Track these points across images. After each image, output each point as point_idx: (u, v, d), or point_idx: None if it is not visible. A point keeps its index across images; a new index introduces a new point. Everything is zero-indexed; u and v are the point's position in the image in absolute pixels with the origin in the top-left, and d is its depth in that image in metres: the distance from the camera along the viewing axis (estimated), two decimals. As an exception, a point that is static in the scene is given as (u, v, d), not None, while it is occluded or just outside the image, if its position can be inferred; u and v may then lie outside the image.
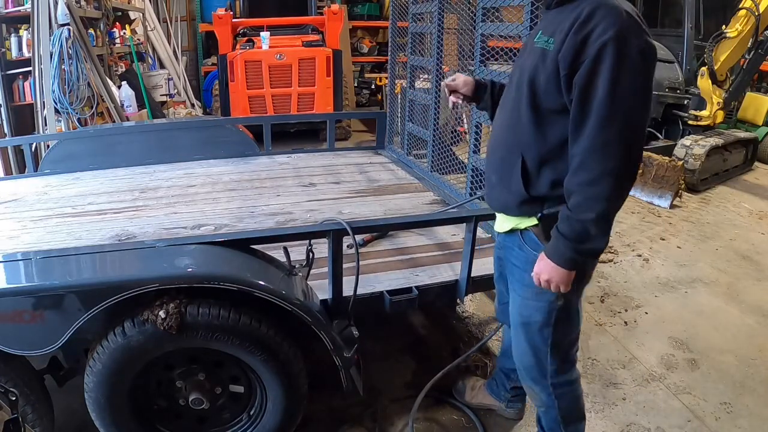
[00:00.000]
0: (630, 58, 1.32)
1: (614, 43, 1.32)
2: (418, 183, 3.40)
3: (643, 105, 1.38)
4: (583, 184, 1.40)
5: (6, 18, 5.09)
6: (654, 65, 1.39)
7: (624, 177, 1.40)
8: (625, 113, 1.35)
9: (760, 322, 3.12)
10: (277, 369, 1.82)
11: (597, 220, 1.40)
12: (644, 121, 1.40)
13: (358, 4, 9.35)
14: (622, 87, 1.33)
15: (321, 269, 2.03)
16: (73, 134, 4.08)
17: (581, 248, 1.44)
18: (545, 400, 1.80)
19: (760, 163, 6.41)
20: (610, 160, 1.36)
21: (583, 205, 1.40)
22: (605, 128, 1.35)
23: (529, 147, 1.54)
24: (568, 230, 1.44)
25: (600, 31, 1.34)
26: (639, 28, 1.36)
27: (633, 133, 1.37)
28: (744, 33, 5.20)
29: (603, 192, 1.38)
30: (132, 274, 1.68)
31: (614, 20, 1.34)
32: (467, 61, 3.13)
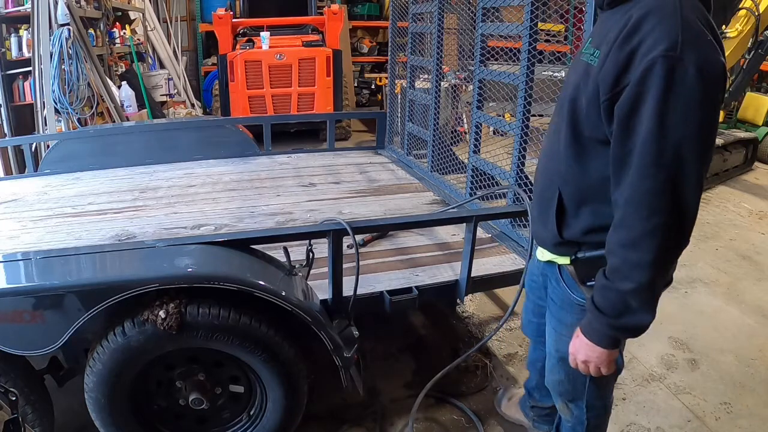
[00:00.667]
0: (685, 82, 1.03)
1: (665, 62, 1.03)
2: (418, 183, 3.40)
3: (702, 143, 1.08)
4: (622, 246, 1.15)
5: (6, 18, 5.09)
6: (721, 88, 1.09)
7: (673, 239, 1.12)
8: (677, 155, 1.06)
9: (760, 322, 3.12)
10: (277, 369, 1.82)
11: (638, 291, 1.15)
12: (703, 164, 1.10)
13: (358, 4, 9.35)
14: (673, 121, 1.05)
15: (321, 269, 2.03)
16: (73, 134, 4.08)
17: (620, 324, 1.20)
18: (578, 415, 1.69)
19: (760, 163, 6.40)
20: (656, 216, 1.09)
21: (622, 272, 1.16)
22: (650, 175, 1.08)
23: (566, 181, 1.31)
24: (604, 303, 1.21)
25: (648, 46, 1.06)
26: (702, 39, 1.06)
27: (687, 181, 1.08)
28: (744, 33, 5.20)
29: (646, 257, 1.12)
30: (132, 274, 1.68)
31: (669, 29, 1.05)
32: (467, 61, 3.14)
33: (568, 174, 1.31)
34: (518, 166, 2.50)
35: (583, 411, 1.66)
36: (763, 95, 6.74)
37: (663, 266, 1.15)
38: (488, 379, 2.56)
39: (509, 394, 2.36)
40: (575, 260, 1.37)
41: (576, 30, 2.18)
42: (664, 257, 1.13)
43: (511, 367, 2.67)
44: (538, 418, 2.13)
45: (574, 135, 1.27)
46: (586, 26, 2.05)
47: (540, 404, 2.08)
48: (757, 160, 6.37)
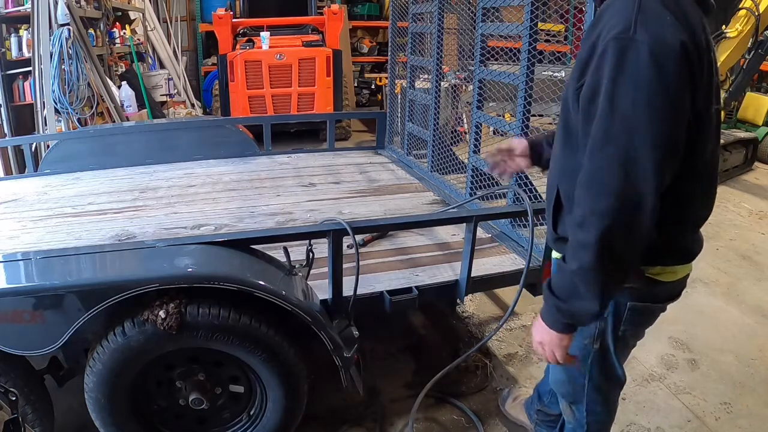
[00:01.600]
0: (636, 62, 1.02)
1: (616, 44, 1.03)
2: (418, 183, 3.40)
3: (656, 126, 1.04)
4: (572, 225, 1.14)
5: (6, 18, 5.09)
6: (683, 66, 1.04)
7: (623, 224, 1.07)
8: (627, 137, 1.04)
9: (760, 322, 3.12)
10: (277, 369, 1.82)
11: (582, 272, 1.12)
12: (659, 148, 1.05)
13: (358, 4, 9.35)
14: (623, 102, 1.04)
15: (321, 269, 2.03)
16: (73, 134, 4.08)
17: (566, 308, 1.19)
18: (579, 419, 1.69)
19: (760, 163, 6.41)
20: (602, 197, 1.07)
21: (570, 253, 1.15)
22: (596, 159, 1.08)
23: (562, 177, 1.31)
24: (557, 284, 1.21)
25: (605, 32, 1.06)
26: (659, 20, 1.04)
27: (638, 165, 1.04)
28: (744, 33, 5.19)
29: (590, 237, 1.08)
30: (132, 274, 1.68)
31: (625, 13, 1.05)
32: (467, 61, 3.14)
33: (564, 170, 1.31)
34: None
35: (584, 415, 1.66)
36: (763, 95, 6.74)
37: (609, 251, 1.09)
38: (488, 379, 2.56)
39: (514, 394, 2.36)
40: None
41: (576, 30, 2.18)
42: (609, 241, 1.08)
43: (511, 367, 2.67)
44: (541, 422, 2.12)
45: (566, 132, 1.27)
46: (586, 26, 2.05)
47: (547, 409, 2.06)
48: (757, 160, 6.37)
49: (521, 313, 3.12)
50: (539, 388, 2.14)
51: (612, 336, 1.43)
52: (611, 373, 1.55)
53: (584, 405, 1.63)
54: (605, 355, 1.49)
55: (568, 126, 1.26)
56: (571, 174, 1.24)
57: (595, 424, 1.68)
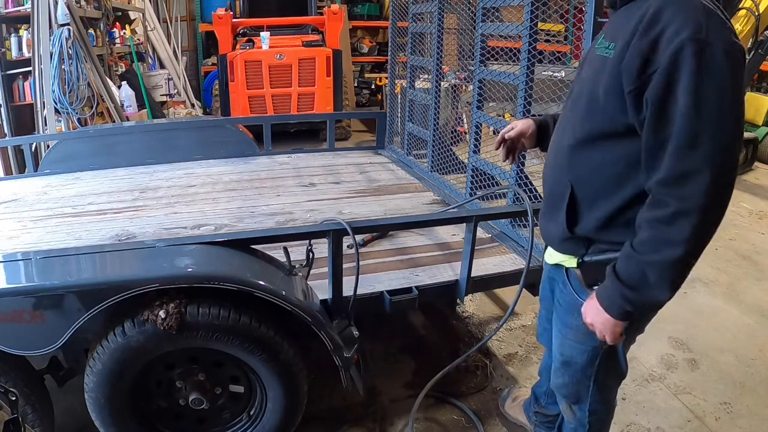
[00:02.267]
0: (714, 64, 1.06)
1: (694, 44, 1.06)
2: (418, 183, 3.40)
3: (735, 122, 1.10)
4: (656, 221, 1.15)
5: (6, 18, 5.09)
6: (743, 70, 1.13)
7: (710, 217, 1.12)
8: (714, 134, 1.08)
9: (760, 322, 3.12)
10: (277, 369, 1.82)
11: (664, 265, 1.15)
12: (737, 142, 1.13)
13: (358, 4, 9.35)
14: (708, 101, 1.07)
15: (321, 269, 2.03)
16: (73, 134, 4.08)
17: (635, 297, 1.21)
18: (580, 418, 1.69)
19: (760, 163, 6.41)
20: (695, 196, 1.10)
21: (651, 244, 1.16)
22: (689, 155, 1.09)
23: (579, 176, 1.32)
24: (624, 271, 1.21)
25: (672, 32, 1.08)
26: (721, 24, 1.10)
27: (724, 159, 1.10)
28: (744, 33, 5.19)
29: (681, 234, 1.12)
30: (132, 274, 1.69)
31: (691, 15, 1.08)
32: (467, 61, 3.14)
33: (583, 168, 1.31)
34: (518, 166, 2.49)
35: (586, 414, 1.65)
36: (763, 95, 6.74)
37: (695, 245, 1.14)
38: (488, 379, 2.56)
39: (514, 394, 2.36)
40: (582, 264, 1.38)
41: (576, 30, 2.18)
42: (698, 236, 1.13)
43: (511, 367, 2.67)
44: (539, 423, 2.12)
45: (589, 129, 1.28)
46: (586, 26, 2.05)
47: (545, 411, 2.07)
48: (757, 160, 6.37)
49: (521, 313, 3.12)
50: (535, 390, 2.14)
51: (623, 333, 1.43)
52: (616, 369, 1.55)
53: (587, 404, 1.63)
54: (613, 354, 1.49)
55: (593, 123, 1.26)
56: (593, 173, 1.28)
57: (596, 422, 1.68)
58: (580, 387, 1.59)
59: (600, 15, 2.00)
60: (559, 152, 1.41)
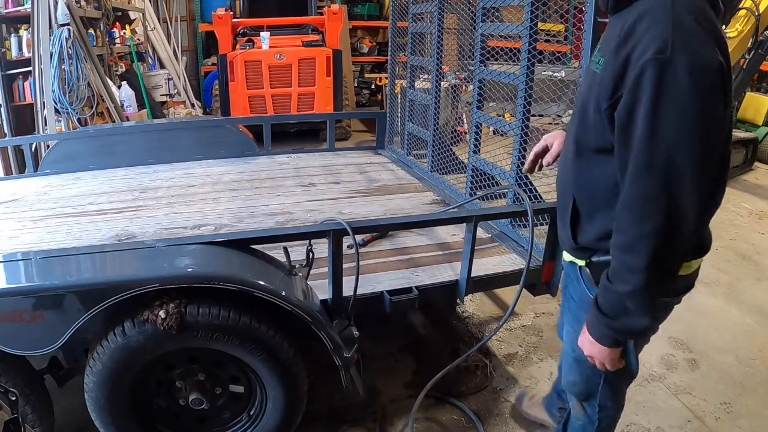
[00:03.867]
0: (675, 85, 1.02)
1: (654, 66, 1.02)
2: (418, 183, 3.40)
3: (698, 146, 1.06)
4: (619, 249, 1.17)
5: (6, 18, 5.09)
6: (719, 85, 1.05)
7: (669, 244, 1.10)
8: (669, 160, 1.05)
9: (760, 322, 3.12)
10: (277, 369, 1.82)
11: (633, 294, 1.16)
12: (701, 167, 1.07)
13: (358, 4, 9.35)
14: (664, 125, 1.04)
15: (321, 269, 2.03)
16: (73, 134, 4.08)
17: (618, 326, 1.23)
18: (590, 415, 1.69)
19: (760, 163, 6.41)
20: (648, 221, 1.09)
21: (619, 275, 1.18)
22: (642, 180, 1.09)
23: (579, 188, 1.34)
24: (604, 304, 1.24)
25: (640, 50, 1.05)
26: (695, 38, 1.04)
27: (682, 186, 1.07)
28: (744, 33, 5.19)
29: (639, 261, 1.12)
30: (132, 274, 1.68)
31: (659, 31, 1.04)
32: (467, 61, 3.14)
33: (580, 181, 1.33)
34: (518, 166, 2.50)
35: (596, 411, 1.66)
36: (763, 95, 6.74)
37: (658, 270, 1.13)
38: (488, 379, 2.56)
39: (530, 393, 2.34)
40: (590, 263, 1.41)
41: (576, 30, 2.18)
42: (658, 262, 1.12)
43: (511, 367, 2.67)
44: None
45: (585, 143, 1.28)
46: (586, 26, 2.05)
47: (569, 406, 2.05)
48: (757, 160, 6.37)
49: (521, 313, 3.12)
50: (557, 387, 2.12)
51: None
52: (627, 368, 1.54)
53: (597, 401, 1.64)
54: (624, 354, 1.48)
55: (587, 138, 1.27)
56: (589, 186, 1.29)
57: (606, 419, 1.69)
58: (591, 384, 1.60)
59: (600, 15, 2.00)
60: (564, 164, 1.43)
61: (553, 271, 2.25)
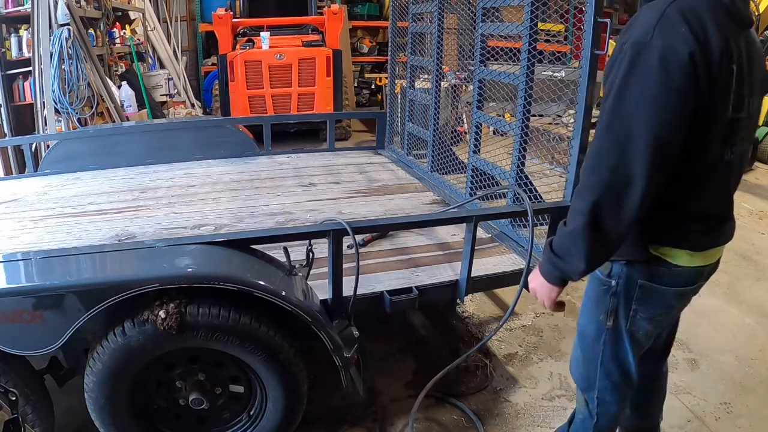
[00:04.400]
0: (644, 65, 1.18)
1: (632, 47, 1.20)
2: (418, 183, 3.40)
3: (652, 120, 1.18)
4: (574, 195, 1.33)
5: (6, 18, 5.09)
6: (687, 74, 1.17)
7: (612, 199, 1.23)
8: (624, 125, 1.20)
9: (760, 322, 3.12)
10: (277, 369, 1.82)
11: (573, 234, 1.29)
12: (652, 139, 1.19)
13: (358, 4, 9.35)
14: (629, 96, 1.20)
15: (321, 269, 2.03)
16: (73, 134, 4.08)
17: (561, 264, 1.36)
18: (590, 408, 1.73)
19: (760, 163, 6.41)
20: (597, 172, 1.25)
21: (569, 216, 1.33)
22: (600, 138, 1.25)
23: None
24: (555, 242, 1.37)
25: (628, 37, 1.23)
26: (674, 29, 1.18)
27: (630, 149, 1.20)
28: (744, 33, 5.19)
29: (583, 205, 1.26)
30: (132, 274, 1.69)
31: (646, 21, 1.21)
32: (467, 61, 3.14)
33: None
34: (518, 166, 2.50)
35: (595, 404, 1.69)
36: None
37: (596, 220, 1.25)
38: (488, 379, 2.56)
39: None
40: None
41: (576, 30, 2.18)
42: (598, 211, 1.25)
43: (511, 367, 2.67)
44: None
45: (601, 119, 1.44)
46: (586, 26, 2.05)
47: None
48: (757, 160, 6.37)
49: (521, 313, 3.12)
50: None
51: (624, 314, 1.51)
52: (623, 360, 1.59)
53: (596, 392, 1.67)
54: (618, 336, 1.55)
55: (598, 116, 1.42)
56: None
57: (604, 415, 1.71)
58: (590, 367, 1.65)
59: (600, 15, 2.00)
60: None
61: (553, 271, 2.25)
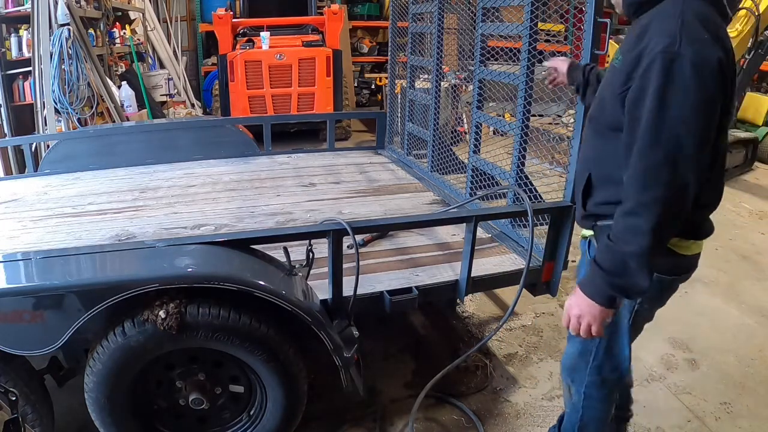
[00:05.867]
0: (682, 74, 1.19)
1: (663, 57, 1.20)
2: (418, 183, 3.40)
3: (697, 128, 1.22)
4: (624, 214, 1.32)
5: (6, 18, 5.09)
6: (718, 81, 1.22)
7: (669, 210, 1.27)
8: (673, 139, 1.22)
9: (760, 322, 3.12)
10: (277, 369, 1.83)
11: (638, 254, 1.29)
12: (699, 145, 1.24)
13: (358, 4, 9.35)
14: (670, 107, 1.21)
15: (321, 269, 2.03)
16: (73, 134, 4.08)
17: (618, 283, 1.34)
18: (575, 403, 1.76)
19: (760, 163, 6.40)
20: (652, 190, 1.25)
21: (622, 237, 1.31)
22: (648, 155, 1.25)
23: (595, 161, 1.53)
24: (604, 261, 1.35)
25: (652, 45, 1.23)
26: (699, 38, 1.22)
27: (683, 160, 1.23)
28: (744, 33, 5.19)
29: (642, 224, 1.27)
30: (132, 274, 1.69)
31: (669, 30, 1.22)
32: (467, 61, 3.13)
33: (596, 155, 1.52)
34: (518, 166, 2.50)
35: (581, 397, 1.71)
36: (763, 95, 6.73)
37: (659, 233, 1.28)
38: (488, 379, 2.56)
39: None
40: (594, 227, 1.56)
41: (576, 30, 2.18)
42: (662, 226, 1.27)
43: (511, 367, 2.67)
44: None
45: (602, 122, 1.47)
46: (586, 26, 2.05)
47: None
48: (757, 160, 6.36)
49: (521, 313, 3.12)
50: None
51: (628, 308, 1.54)
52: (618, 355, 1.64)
53: (583, 385, 1.70)
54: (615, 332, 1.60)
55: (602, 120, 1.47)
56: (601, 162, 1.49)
57: (589, 410, 1.73)
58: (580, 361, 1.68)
59: (600, 15, 2.00)
60: (586, 144, 1.63)
61: (553, 271, 2.26)
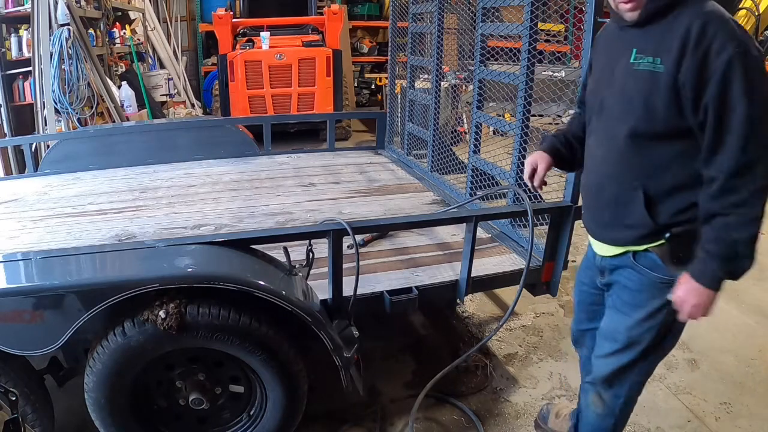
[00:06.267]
0: (756, 70, 1.31)
1: (739, 56, 1.29)
2: (418, 183, 3.40)
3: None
4: (735, 206, 1.37)
5: (6, 18, 5.09)
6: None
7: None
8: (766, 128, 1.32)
9: (760, 322, 3.12)
10: (277, 369, 1.82)
11: (749, 240, 1.39)
12: None
13: (358, 4, 9.35)
14: (759, 101, 1.31)
15: (321, 269, 2.03)
16: (73, 134, 4.08)
17: (730, 268, 1.42)
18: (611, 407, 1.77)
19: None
20: (759, 179, 1.35)
21: (736, 226, 1.38)
22: (750, 148, 1.32)
23: (649, 177, 1.49)
24: (718, 250, 1.40)
25: (719, 46, 1.30)
26: (748, 34, 1.35)
27: None
28: (744, 33, 5.18)
29: (756, 212, 1.37)
30: (132, 274, 1.68)
31: (730, 32, 1.31)
32: (467, 61, 3.14)
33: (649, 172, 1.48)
34: (518, 166, 2.50)
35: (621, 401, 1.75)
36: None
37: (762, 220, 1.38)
38: (488, 379, 2.56)
39: (555, 410, 2.23)
40: (670, 237, 1.51)
41: (576, 30, 2.18)
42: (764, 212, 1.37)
43: (511, 367, 2.67)
44: None
45: (650, 132, 1.45)
46: (586, 26, 2.05)
47: None
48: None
49: (521, 313, 3.12)
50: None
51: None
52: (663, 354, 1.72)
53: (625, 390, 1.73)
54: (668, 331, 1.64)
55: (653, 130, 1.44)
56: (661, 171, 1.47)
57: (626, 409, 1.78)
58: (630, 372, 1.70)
59: (600, 15, 2.00)
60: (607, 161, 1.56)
61: (553, 271, 2.26)
